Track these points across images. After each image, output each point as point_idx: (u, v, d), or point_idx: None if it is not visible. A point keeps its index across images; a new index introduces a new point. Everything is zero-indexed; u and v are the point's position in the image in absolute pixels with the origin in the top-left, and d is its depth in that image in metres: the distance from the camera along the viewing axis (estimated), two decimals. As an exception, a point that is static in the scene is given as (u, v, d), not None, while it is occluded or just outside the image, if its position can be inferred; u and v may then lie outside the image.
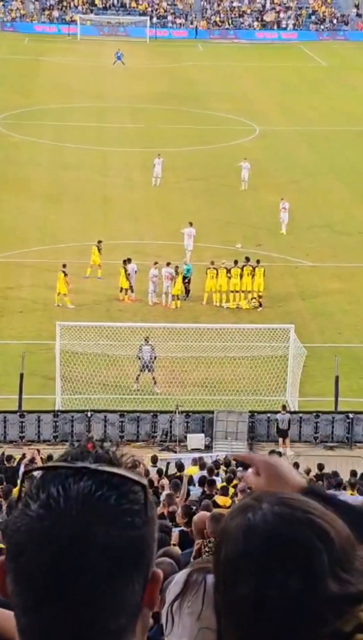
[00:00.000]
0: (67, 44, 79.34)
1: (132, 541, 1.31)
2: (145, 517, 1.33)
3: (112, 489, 1.32)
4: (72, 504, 1.29)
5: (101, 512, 1.30)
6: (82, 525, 1.29)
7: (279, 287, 32.27)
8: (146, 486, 1.35)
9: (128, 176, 44.36)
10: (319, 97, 61.60)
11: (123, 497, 1.32)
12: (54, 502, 1.30)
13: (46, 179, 43.46)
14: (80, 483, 1.31)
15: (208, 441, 24.07)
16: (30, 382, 24.86)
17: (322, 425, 24.54)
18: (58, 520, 1.29)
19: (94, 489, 1.31)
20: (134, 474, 1.35)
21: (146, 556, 1.34)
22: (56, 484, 1.31)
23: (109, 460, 1.36)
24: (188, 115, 56.01)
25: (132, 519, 1.32)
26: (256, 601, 1.35)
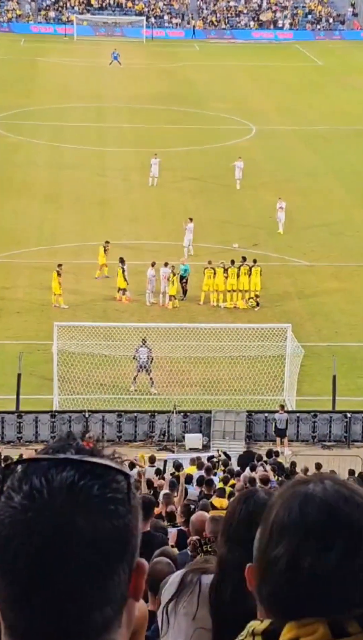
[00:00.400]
0: (63, 45, 79.32)
1: (116, 530, 1.31)
2: (129, 505, 1.33)
3: (95, 478, 1.32)
4: (55, 494, 1.29)
5: (85, 502, 1.30)
6: (66, 515, 1.29)
7: (276, 287, 32.29)
8: (130, 475, 1.36)
9: (126, 176, 44.37)
10: (316, 96, 61.63)
11: (106, 487, 1.32)
12: (37, 493, 1.30)
13: (44, 179, 43.45)
14: (63, 473, 1.31)
15: (205, 441, 24.08)
16: (28, 382, 24.86)
17: (320, 425, 24.56)
18: (42, 511, 1.29)
19: (77, 479, 1.31)
20: (116, 464, 1.35)
21: (130, 545, 1.34)
22: (39, 475, 1.31)
23: (91, 452, 1.36)
24: (184, 115, 56.01)
25: (115, 507, 1.32)
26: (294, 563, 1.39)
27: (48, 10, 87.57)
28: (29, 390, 24.77)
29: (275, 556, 1.43)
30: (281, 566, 1.42)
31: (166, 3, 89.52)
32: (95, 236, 36.29)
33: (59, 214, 39.11)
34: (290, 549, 1.42)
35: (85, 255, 34.04)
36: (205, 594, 2.71)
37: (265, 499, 2.50)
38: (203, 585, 2.76)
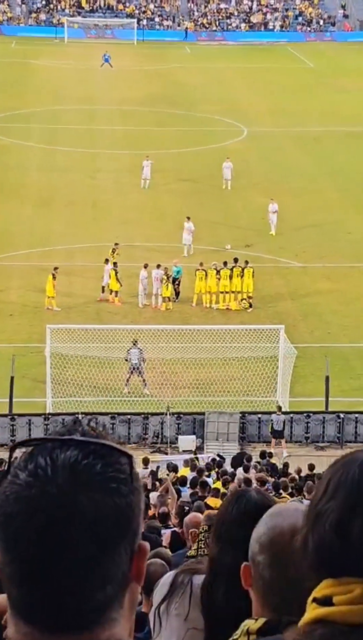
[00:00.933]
0: (54, 47, 79.29)
1: (118, 507, 1.33)
2: (131, 486, 1.36)
3: (98, 458, 1.35)
4: (58, 471, 1.32)
5: (87, 479, 1.33)
6: (68, 492, 1.31)
7: (269, 288, 32.33)
8: (132, 457, 1.38)
9: (118, 179, 44.36)
10: (307, 98, 61.74)
11: (109, 466, 1.35)
12: (41, 471, 1.33)
13: (36, 182, 43.41)
14: (67, 452, 1.34)
15: (199, 442, 24.08)
16: (21, 385, 24.83)
17: (313, 426, 24.59)
18: (45, 488, 1.32)
19: (81, 458, 1.34)
20: (120, 445, 1.38)
21: (132, 524, 1.36)
22: (44, 455, 1.35)
23: (96, 435, 1.38)
24: (176, 117, 56.04)
25: (118, 486, 1.34)
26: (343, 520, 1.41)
27: (39, 13, 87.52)
28: (22, 393, 24.74)
29: (326, 510, 1.45)
30: (331, 521, 1.43)
31: (157, 5, 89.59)
32: (87, 238, 36.28)
33: (51, 216, 39.09)
34: (343, 506, 1.44)
35: (77, 258, 34.02)
36: (197, 595, 2.71)
37: (257, 498, 2.51)
38: (194, 586, 2.77)
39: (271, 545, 1.92)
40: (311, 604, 1.46)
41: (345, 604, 1.41)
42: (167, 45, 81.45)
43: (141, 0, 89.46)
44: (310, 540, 1.46)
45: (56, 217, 38.93)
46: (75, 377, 25.48)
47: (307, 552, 1.47)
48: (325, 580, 1.46)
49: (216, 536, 2.52)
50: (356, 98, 61.38)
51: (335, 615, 1.42)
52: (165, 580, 2.92)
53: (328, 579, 1.45)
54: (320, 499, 1.48)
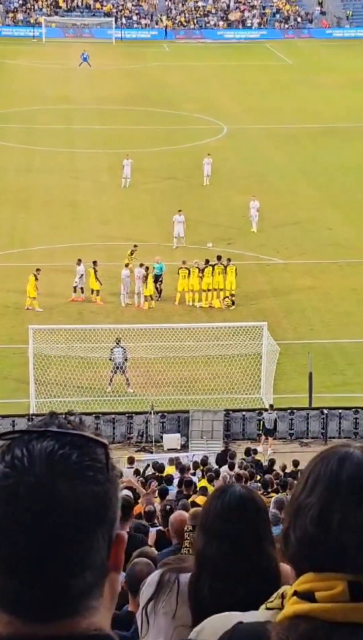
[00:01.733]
0: (32, 47, 78.98)
1: (95, 495, 1.35)
2: (107, 474, 1.38)
3: (74, 448, 1.37)
4: (35, 462, 1.35)
5: (63, 468, 1.35)
6: (45, 481, 1.34)
7: (251, 285, 32.38)
8: (108, 446, 1.40)
9: (97, 178, 44.26)
10: (285, 95, 61.88)
11: (85, 455, 1.37)
12: (18, 462, 1.35)
13: (14, 182, 43.23)
14: (43, 443, 1.37)
15: (184, 441, 24.09)
16: (4, 386, 24.73)
17: (297, 422, 24.66)
18: (22, 478, 1.34)
19: (57, 448, 1.36)
20: (95, 435, 1.40)
21: (109, 512, 1.37)
22: (20, 446, 1.37)
23: (73, 427, 1.41)
24: (155, 116, 56.00)
25: (94, 474, 1.36)
26: (324, 513, 1.44)
27: (16, 13, 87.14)
28: (5, 394, 24.64)
29: (307, 504, 1.47)
30: (312, 514, 1.45)
31: (135, 4, 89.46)
32: (66, 238, 36.18)
33: (30, 217, 38.93)
34: (322, 499, 1.46)
35: (57, 258, 33.90)
36: (184, 593, 2.71)
37: (242, 492, 2.52)
38: (181, 584, 2.76)
39: None
40: (292, 597, 1.46)
41: (328, 601, 1.42)
42: (145, 44, 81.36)
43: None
44: (292, 534, 1.47)
45: (35, 218, 38.79)
46: (58, 377, 25.40)
47: (289, 545, 1.48)
48: (307, 574, 1.46)
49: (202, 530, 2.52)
50: (334, 95, 61.61)
51: (318, 612, 1.42)
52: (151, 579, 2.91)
53: (309, 573, 1.45)
54: (300, 493, 1.50)
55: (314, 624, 1.42)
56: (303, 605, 1.43)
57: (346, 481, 1.47)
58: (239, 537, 2.09)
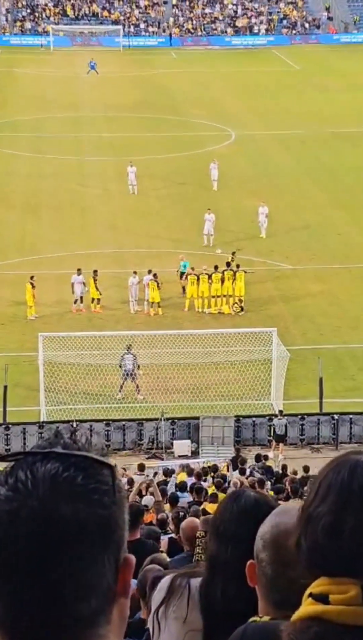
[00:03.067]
0: (40, 55, 79.34)
1: (100, 519, 1.31)
2: (113, 497, 1.34)
3: (79, 470, 1.33)
4: (39, 484, 1.31)
5: (68, 491, 1.31)
6: (49, 504, 1.30)
7: (260, 291, 32.36)
8: (114, 468, 1.36)
9: (106, 185, 44.37)
10: (293, 100, 61.92)
11: (90, 477, 1.33)
12: (21, 485, 1.32)
13: (24, 190, 43.37)
14: (47, 465, 1.33)
15: (194, 447, 24.06)
16: (14, 394, 24.77)
17: (308, 427, 24.60)
18: (25, 501, 1.30)
19: (61, 470, 1.32)
20: (101, 457, 1.36)
21: (115, 536, 1.33)
22: (24, 469, 1.33)
23: (78, 448, 1.37)
24: (163, 123, 56.11)
25: (100, 497, 1.32)
26: (335, 521, 1.44)
27: (24, 22, 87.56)
28: (16, 402, 24.68)
29: (318, 512, 1.46)
30: (324, 522, 1.45)
31: (142, 11, 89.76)
32: (76, 245, 36.26)
33: (39, 224, 39.05)
34: (334, 507, 1.45)
35: (67, 265, 33.96)
36: (195, 597, 2.71)
37: (255, 497, 2.52)
38: (192, 588, 2.76)
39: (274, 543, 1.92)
40: (307, 599, 1.46)
41: (341, 603, 1.42)
42: (153, 51, 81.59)
43: (126, 7, 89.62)
44: (303, 543, 1.47)
45: (44, 225, 38.89)
46: (68, 384, 25.43)
47: (301, 553, 1.48)
48: (320, 579, 1.46)
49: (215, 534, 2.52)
50: (341, 99, 61.61)
51: (331, 614, 1.42)
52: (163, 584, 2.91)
53: (323, 577, 1.46)
54: (311, 501, 1.49)
55: (326, 626, 1.42)
56: (316, 606, 1.44)
57: (358, 490, 1.46)
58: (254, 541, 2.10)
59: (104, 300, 31.23)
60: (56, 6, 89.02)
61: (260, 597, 1.94)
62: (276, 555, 1.91)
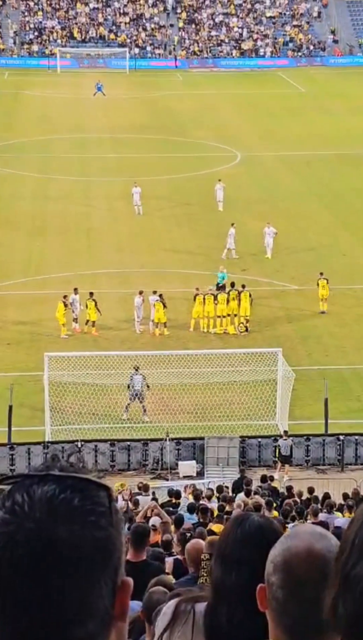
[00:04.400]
0: (47, 77, 79.97)
1: (97, 541, 1.31)
2: (110, 519, 1.33)
3: (75, 492, 1.32)
4: (36, 507, 1.31)
5: (65, 513, 1.30)
6: (46, 526, 1.29)
7: (266, 311, 32.37)
8: (111, 490, 1.36)
9: (111, 206, 44.55)
10: (299, 122, 62.22)
11: (87, 499, 1.32)
12: (18, 507, 1.31)
13: (29, 211, 43.57)
14: (44, 487, 1.33)
15: (199, 468, 23.97)
16: (20, 414, 24.74)
17: (313, 448, 24.49)
18: (22, 523, 1.30)
19: (58, 492, 1.32)
20: (98, 479, 1.36)
21: (113, 558, 1.33)
22: (21, 491, 1.33)
23: (74, 470, 1.37)
24: (169, 144, 56.41)
25: (96, 519, 1.32)
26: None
27: (31, 44, 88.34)
28: (21, 422, 24.64)
29: (355, 575, 1.34)
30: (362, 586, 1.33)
31: (149, 34, 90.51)
32: (82, 266, 36.35)
33: (45, 245, 39.18)
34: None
35: (73, 285, 34.03)
36: (199, 623, 2.68)
37: (259, 521, 2.51)
38: (197, 613, 2.74)
39: (285, 566, 1.91)
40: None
41: None
42: (159, 73, 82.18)
43: (132, 29, 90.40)
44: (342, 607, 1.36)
45: (50, 246, 39.02)
46: (74, 404, 25.40)
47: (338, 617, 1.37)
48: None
49: (219, 558, 2.51)
50: (346, 121, 61.89)
51: None
52: (167, 609, 2.89)
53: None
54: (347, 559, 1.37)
55: None
56: None
57: None
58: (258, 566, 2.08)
59: (110, 320, 31.25)
60: (63, 29, 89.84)
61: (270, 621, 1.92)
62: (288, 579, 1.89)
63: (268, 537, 2.38)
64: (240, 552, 2.43)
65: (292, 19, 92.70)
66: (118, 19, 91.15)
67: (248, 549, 2.42)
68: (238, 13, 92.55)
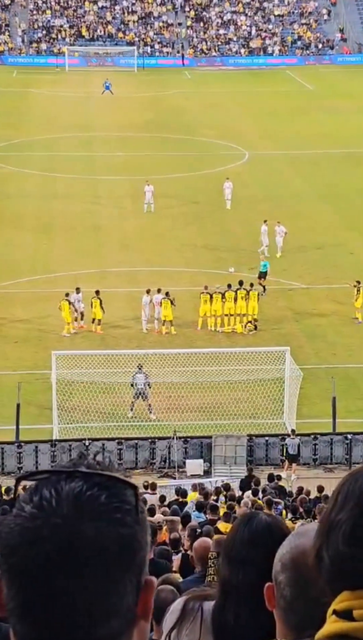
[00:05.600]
0: (55, 76, 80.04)
1: (123, 538, 1.32)
2: (136, 517, 1.34)
3: (102, 489, 1.34)
4: (63, 503, 1.32)
5: (91, 510, 1.32)
6: (72, 523, 1.30)
7: (273, 310, 32.33)
8: (137, 488, 1.37)
9: (118, 204, 44.56)
10: (306, 120, 62.11)
11: (114, 497, 1.34)
12: (46, 503, 1.33)
13: (37, 209, 43.61)
14: (71, 484, 1.34)
15: (206, 466, 23.96)
16: (27, 412, 24.78)
17: (321, 447, 24.47)
18: (49, 519, 1.31)
19: (85, 489, 1.33)
20: (125, 477, 1.37)
21: (138, 556, 1.34)
22: (49, 487, 1.34)
23: (101, 468, 1.38)
24: (177, 142, 56.38)
25: (122, 516, 1.33)
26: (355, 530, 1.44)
27: (40, 43, 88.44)
28: (28, 420, 24.68)
29: (338, 520, 1.46)
30: (343, 532, 1.44)
31: (157, 32, 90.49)
32: (89, 264, 36.38)
33: (52, 243, 39.22)
34: (353, 516, 1.45)
35: (80, 284, 34.07)
36: (207, 621, 2.69)
37: (267, 520, 2.51)
38: (205, 612, 2.74)
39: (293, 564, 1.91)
40: (332, 616, 1.44)
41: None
42: (167, 72, 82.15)
43: (140, 28, 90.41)
44: (325, 554, 1.46)
45: (57, 244, 39.06)
46: (81, 403, 25.42)
47: (323, 566, 1.46)
48: (344, 593, 1.44)
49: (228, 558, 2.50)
50: (355, 120, 61.74)
51: (358, 631, 1.40)
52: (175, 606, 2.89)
53: (346, 592, 1.44)
54: (330, 511, 1.48)
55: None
56: (342, 624, 1.42)
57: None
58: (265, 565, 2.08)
59: (117, 319, 31.28)
60: (72, 27, 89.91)
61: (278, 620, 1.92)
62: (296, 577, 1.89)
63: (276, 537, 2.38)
64: (248, 551, 2.43)
65: (300, 17, 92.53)
66: (126, 17, 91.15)
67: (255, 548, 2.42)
68: (246, 11, 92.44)
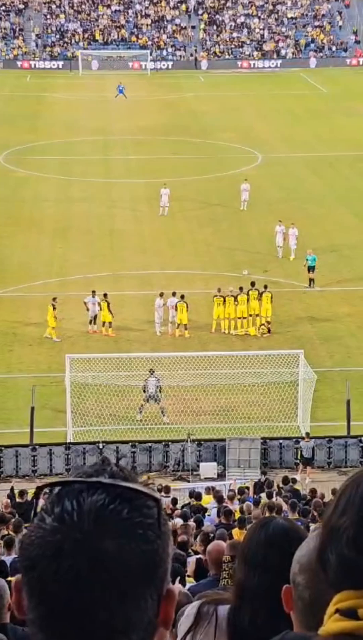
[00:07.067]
0: (69, 79, 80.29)
1: (144, 554, 1.31)
2: (158, 531, 1.34)
3: (125, 502, 1.33)
4: (84, 517, 1.31)
5: (113, 525, 1.30)
6: (94, 538, 1.30)
7: (287, 313, 32.27)
8: (160, 501, 1.36)
9: (134, 207, 44.63)
10: (321, 123, 62.01)
11: (136, 511, 1.33)
12: (67, 516, 1.31)
13: (53, 213, 43.74)
14: (93, 496, 1.32)
15: (220, 469, 23.93)
16: (41, 415, 24.83)
17: (335, 450, 24.39)
18: (70, 533, 1.30)
19: (107, 503, 1.32)
20: (147, 489, 1.36)
21: (159, 571, 1.34)
22: (70, 499, 1.33)
23: (124, 477, 1.37)
24: (191, 145, 56.42)
25: (144, 532, 1.32)
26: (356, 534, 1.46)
27: (53, 47, 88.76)
28: (43, 423, 24.74)
29: (340, 526, 1.47)
30: (347, 536, 1.46)
31: (170, 35, 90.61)
32: (104, 267, 36.44)
33: (68, 246, 39.31)
34: (355, 522, 1.46)
35: (95, 287, 34.12)
36: (222, 625, 2.68)
37: (283, 525, 2.50)
38: (219, 616, 2.73)
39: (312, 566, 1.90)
40: (335, 615, 1.45)
41: None
42: (180, 75, 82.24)
43: (153, 31, 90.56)
44: (330, 557, 1.47)
45: (73, 248, 39.15)
46: (95, 406, 25.46)
47: (328, 568, 1.48)
48: (346, 592, 1.45)
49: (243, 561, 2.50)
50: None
51: None
52: (190, 610, 2.88)
53: (349, 590, 1.45)
54: (331, 514, 1.50)
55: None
56: (347, 623, 1.42)
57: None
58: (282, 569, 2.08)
59: (131, 322, 31.30)
60: (85, 31, 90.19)
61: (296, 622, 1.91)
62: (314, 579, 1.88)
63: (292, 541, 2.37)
64: (264, 555, 2.43)
65: (314, 20, 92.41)
66: (140, 21, 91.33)
67: (272, 552, 2.42)
68: (259, 14, 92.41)
